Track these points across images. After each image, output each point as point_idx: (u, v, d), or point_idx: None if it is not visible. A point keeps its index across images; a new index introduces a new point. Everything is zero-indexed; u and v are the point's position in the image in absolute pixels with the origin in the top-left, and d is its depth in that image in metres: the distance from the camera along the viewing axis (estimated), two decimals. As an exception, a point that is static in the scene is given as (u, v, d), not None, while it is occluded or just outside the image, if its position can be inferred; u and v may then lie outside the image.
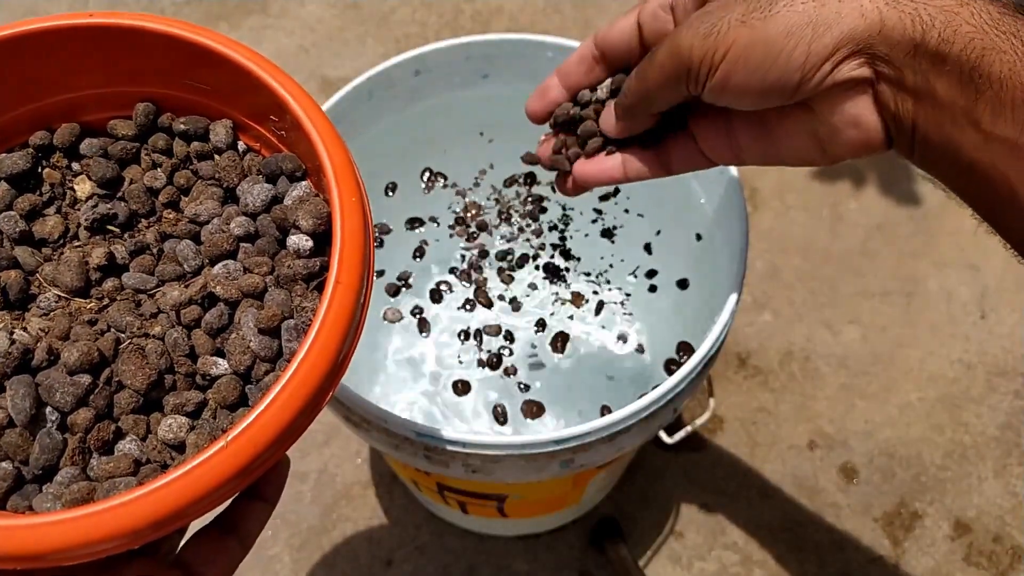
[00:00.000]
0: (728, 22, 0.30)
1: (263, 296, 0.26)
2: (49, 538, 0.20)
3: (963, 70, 0.26)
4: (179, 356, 0.25)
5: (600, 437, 0.49)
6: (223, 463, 0.21)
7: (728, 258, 0.59)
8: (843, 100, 0.31)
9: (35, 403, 0.24)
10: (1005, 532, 0.87)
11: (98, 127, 0.30)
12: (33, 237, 0.28)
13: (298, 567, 0.86)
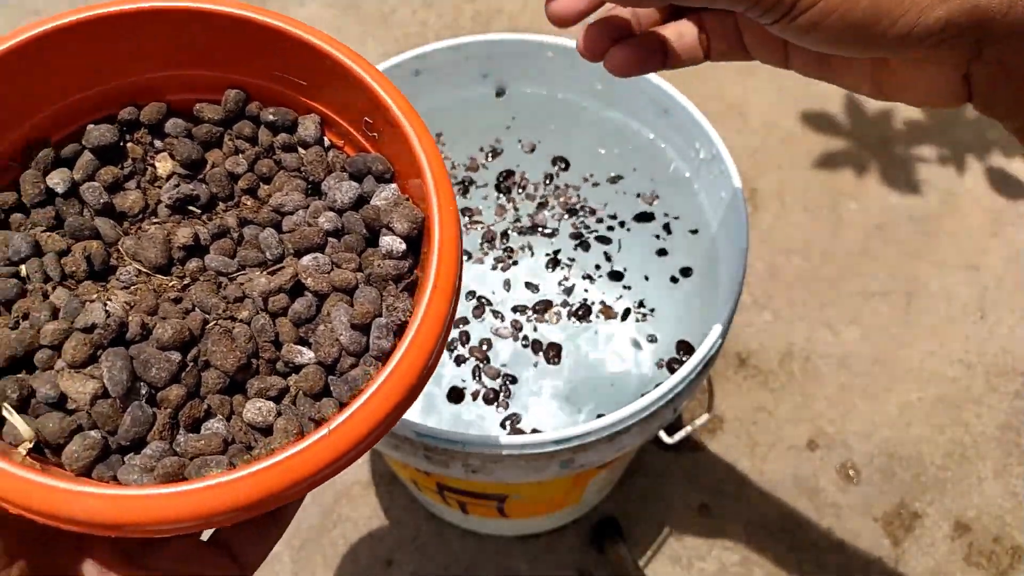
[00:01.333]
0: None
1: (353, 292, 0.27)
2: (166, 510, 0.20)
3: None
4: (264, 342, 0.26)
5: (600, 437, 0.49)
6: (325, 449, 0.22)
7: (728, 258, 0.59)
8: (928, 67, 0.28)
9: (131, 376, 0.24)
10: (1005, 532, 0.87)
11: (183, 109, 0.31)
12: (114, 209, 0.28)
13: (298, 567, 0.86)
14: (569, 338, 0.77)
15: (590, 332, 0.78)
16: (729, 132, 1.14)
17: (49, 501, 0.20)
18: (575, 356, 0.77)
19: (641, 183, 0.71)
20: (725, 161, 0.59)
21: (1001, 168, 1.12)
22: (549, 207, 0.74)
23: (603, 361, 0.78)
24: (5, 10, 1.29)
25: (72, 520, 0.21)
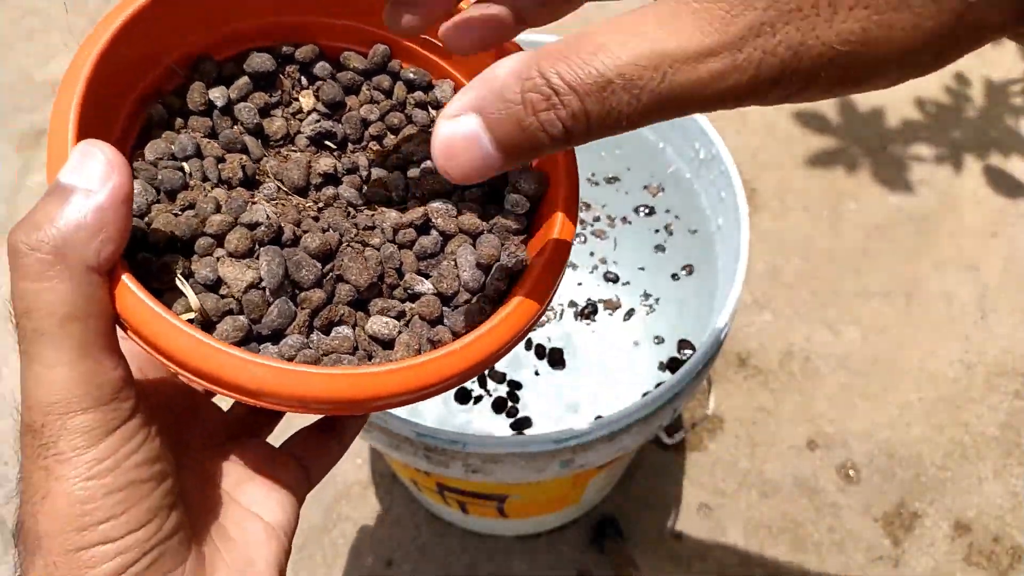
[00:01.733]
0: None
1: (478, 236, 0.29)
2: (330, 389, 0.24)
3: None
4: (389, 268, 0.29)
5: (600, 437, 0.49)
6: (456, 361, 0.25)
7: (728, 258, 0.59)
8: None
9: (284, 273, 0.27)
10: (1005, 532, 0.87)
11: (331, 54, 0.34)
12: (262, 130, 0.31)
13: (298, 567, 0.86)
14: (571, 342, 0.77)
15: (591, 334, 0.78)
16: (729, 132, 1.14)
17: (221, 364, 0.23)
18: (577, 359, 0.77)
19: (641, 183, 0.71)
20: (725, 161, 0.59)
21: (1001, 168, 1.12)
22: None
23: (604, 363, 0.78)
24: (5, 10, 1.29)
25: (236, 386, 0.23)
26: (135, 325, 0.23)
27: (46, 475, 0.22)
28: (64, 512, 0.21)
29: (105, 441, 0.22)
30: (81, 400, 0.22)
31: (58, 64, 1.24)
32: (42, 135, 1.17)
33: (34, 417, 0.22)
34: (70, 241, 0.22)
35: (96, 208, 0.22)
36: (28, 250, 0.22)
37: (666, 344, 0.73)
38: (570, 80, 0.19)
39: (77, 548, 0.21)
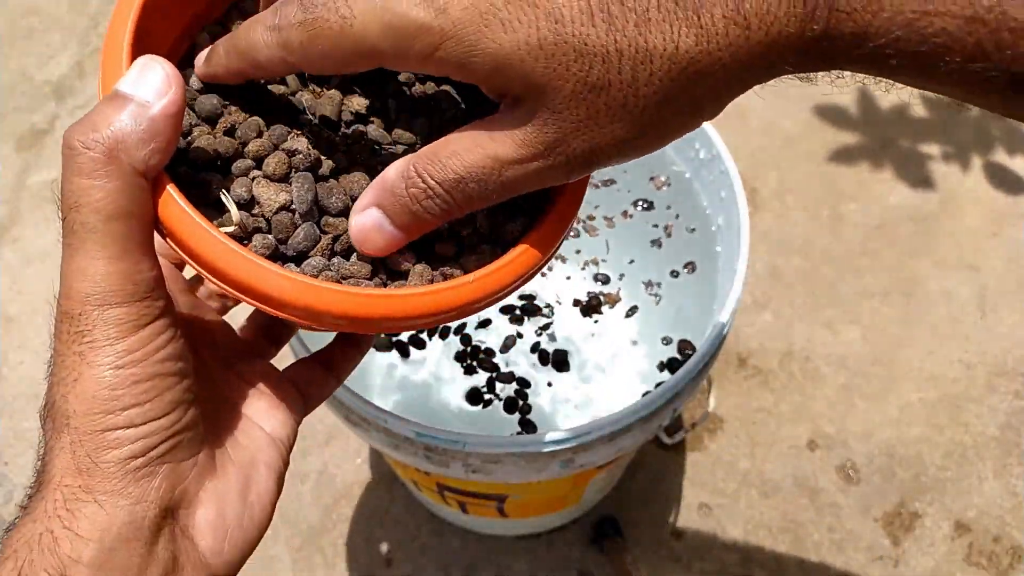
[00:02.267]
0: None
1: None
2: (362, 305, 0.26)
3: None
4: None
5: (600, 437, 0.49)
6: (470, 291, 0.28)
7: (728, 258, 0.59)
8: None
9: (315, 199, 0.29)
10: (1005, 532, 0.87)
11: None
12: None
13: (298, 567, 0.86)
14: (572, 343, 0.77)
15: (590, 336, 0.78)
16: (729, 132, 1.14)
17: (253, 274, 0.26)
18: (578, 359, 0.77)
19: (640, 183, 0.71)
20: (725, 161, 0.59)
21: (1001, 167, 1.12)
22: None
23: (605, 363, 0.78)
24: (5, 10, 1.29)
25: (264, 296, 0.26)
26: (176, 231, 0.25)
27: (79, 360, 0.24)
28: (93, 395, 0.23)
29: (136, 335, 0.24)
30: (118, 294, 0.24)
31: (58, 64, 1.24)
32: (42, 135, 1.17)
33: (72, 305, 0.24)
34: (123, 145, 0.24)
35: (150, 118, 0.24)
36: (83, 148, 0.24)
37: (665, 344, 0.73)
38: (438, 179, 0.26)
39: (103, 429, 0.23)
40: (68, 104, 1.20)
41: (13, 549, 0.23)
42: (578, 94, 0.24)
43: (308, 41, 0.25)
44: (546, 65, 0.23)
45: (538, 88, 0.24)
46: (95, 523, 0.23)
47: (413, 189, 0.26)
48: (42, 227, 1.09)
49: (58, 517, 0.23)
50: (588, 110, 0.24)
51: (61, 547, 0.23)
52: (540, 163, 0.25)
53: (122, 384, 0.24)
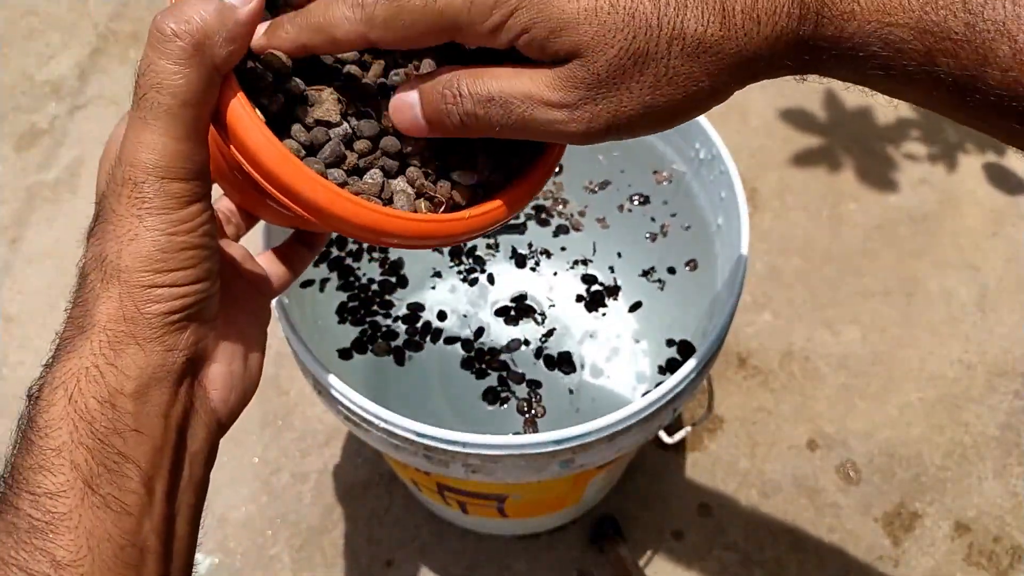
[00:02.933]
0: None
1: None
2: (386, 223, 0.31)
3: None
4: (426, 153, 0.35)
5: (600, 437, 0.49)
6: (467, 220, 0.33)
7: (727, 258, 0.59)
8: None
9: (350, 127, 0.33)
10: (1005, 532, 0.87)
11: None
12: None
13: (298, 567, 0.86)
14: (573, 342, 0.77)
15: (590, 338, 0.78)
16: (729, 132, 1.14)
17: (292, 174, 0.29)
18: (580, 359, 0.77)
19: (639, 184, 0.71)
20: (725, 161, 0.59)
21: (1001, 167, 1.12)
22: (553, 212, 0.74)
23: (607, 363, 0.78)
24: (5, 10, 1.29)
25: (294, 194, 0.29)
26: (232, 123, 0.29)
27: (138, 222, 0.27)
28: (147, 255, 0.27)
29: (188, 208, 0.28)
30: (179, 171, 0.27)
31: (58, 64, 1.24)
32: (42, 135, 1.17)
33: (136, 174, 0.27)
34: (209, 40, 0.27)
35: (235, 21, 0.27)
36: (173, 35, 0.26)
37: (666, 344, 0.73)
38: (471, 90, 0.29)
39: (151, 285, 0.27)
40: (68, 104, 1.20)
41: (62, 380, 0.27)
42: (619, 59, 0.27)
43: (392, 16, 0.28)
44: (599, 28, 0.27)
45: (587, 47, 0.27)
46: (135, 362, 0.27)
47: (447, 91, 0.30)
48: (42, 227, 1.09)
49: (103, 355, 0.27)
50: (624, 76, 0.27)
51: (107, 378, 0.27)
52: (564, 113, 0.28)
53: (172, 248, 0.27)
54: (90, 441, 0.26)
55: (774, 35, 0.27)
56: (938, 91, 0.27)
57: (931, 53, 0.26)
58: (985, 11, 0.25)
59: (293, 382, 0.95)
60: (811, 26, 0.27)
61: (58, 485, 0.26)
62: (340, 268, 0.65)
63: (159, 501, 0.28)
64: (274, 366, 0.96)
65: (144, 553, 0.27)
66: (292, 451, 0.92)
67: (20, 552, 0.26)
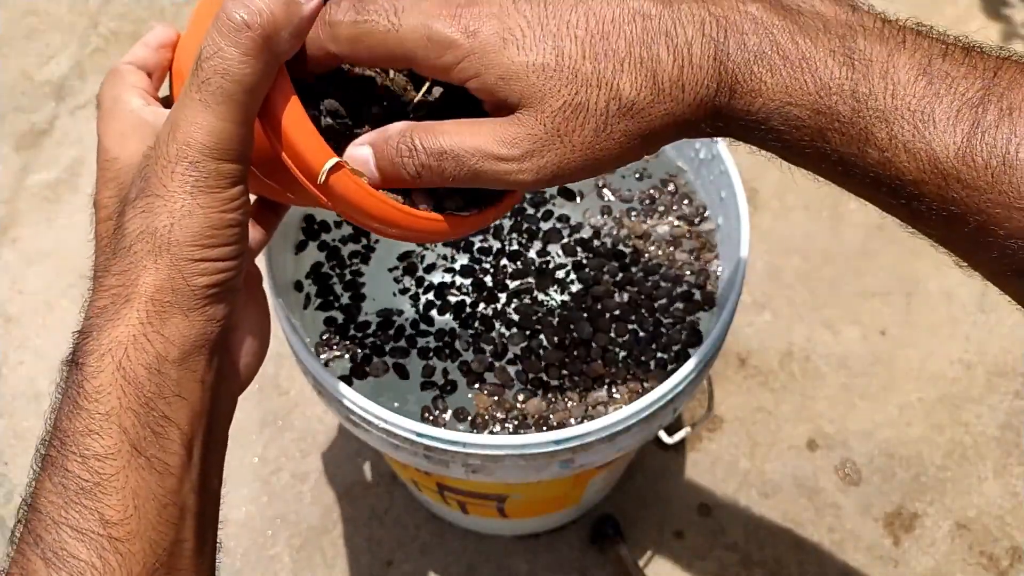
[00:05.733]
0: None
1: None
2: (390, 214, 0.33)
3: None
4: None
5: (600, 437, 0.49)
6: (465, 222, 0.35)
7: (728, 258, 0.59)
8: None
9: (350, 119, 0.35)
10: (1005, 532, 0.87)
11: None
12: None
13: (298, 567, 0.86)
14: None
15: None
16: (729, 132, 1.14)
17: (313, 157, 0.31)
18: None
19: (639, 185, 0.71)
20: (725, 161, 0.59)
21: (1001, 168, 1.12)
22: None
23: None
24: (5, 10, 1.29)
25: (314, 177, 0.31)
26: (277, 111, 0.30)
27: (191, 199, 0.28)
28: (198, 229, 0.28)
29: (236, 187, 0.29)
30: (232, 153, 0.29)
31: (58, 64, 1.24)
32: (42, 135, 1.17)
33: (191, 153, 0.28)
34: (277, 34, 0.29)
35: (301, 16, 0.29)
36: (244, 25, 0.28)
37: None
38: (425, 145, 0.31)
39: (199, 259, 0.29)
40: (68, 104, 1.20)
41: (108, 347, 0.28)
42: (563, 110, 0.30)
43: (355, 38, 0.30)
44: (544, 82, 0.30)
45: (533, 98, 0.30)
46: (180, 331, 0.29)
47: (402, 145, 0.32)
48: (42, 227, 1.09)
49: (151, 323, 0.28)
50: (567, 127, 0.30)
51: (155, 346, 0.28)
52: (513, 166, 0.31)
53: (220, 225, 0.29)
54: (137, 406, 0.28)
55: (695, 102, 0.30)
56: (826, 164, 0.31)
57: (822, 131, 0.30)
58: (870, 100, 0.29)
59: (293, 382, 0.95)
60: (726, 98, 0.30)
61: (107, 448, 0.27)
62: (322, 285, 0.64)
63: (196, 461, 0.30)
64: (274, 366, 0.96)
65: (184, 511, 0.29)
66: (292, 451, 0.92)
67: (70, 512, 0.27)
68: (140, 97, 0.35)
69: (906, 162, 0.29)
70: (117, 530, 0.27)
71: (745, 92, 0.30)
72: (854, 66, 0.29)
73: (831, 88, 0.29)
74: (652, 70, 0.30)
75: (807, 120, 0.30)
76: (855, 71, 0.29)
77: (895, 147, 0.29)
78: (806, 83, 0.29)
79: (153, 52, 0.37)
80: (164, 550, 0.28)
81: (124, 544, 0.27)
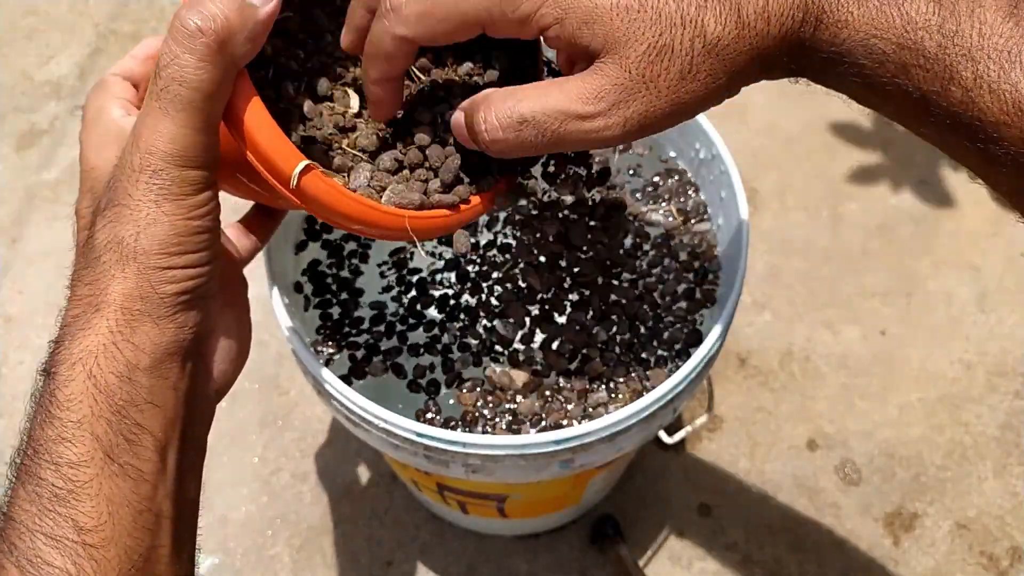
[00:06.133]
0: None
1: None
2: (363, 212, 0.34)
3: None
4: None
5: (600, 437, 0.49)
6: (454, 216, 0.37)
7: (728, 258, 0.59)
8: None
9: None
10: (1005, 532, 0.87)
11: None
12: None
13: (298, 567, 0.86)
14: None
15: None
16: (729, 132, 1.14)
17: (287, 165, 0.31)
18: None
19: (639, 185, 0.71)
20: (725, 161, 0.59)
21: (1001, 168, 1.12)
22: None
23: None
24: (5, 10, 1.29)
25: (285, 179, 0.32)
26: (247, 121, 0.30)
27: (156, 207, 0.28)
28: (164, 238, 0.28)
29: (202, 194, 0.29)
30: (195, 159, 0.29)
31: (58, 64, 1.24)
32: (42, 135, 1.17)
33: (153, 162, 0.28)
34: (232, 38, 0.28)
35: (256, 20, 0.29)
36: (198, 31, 0.28)
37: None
38: (499, 116, 0.31)
39: (167, 267, 0.29)
40: (68, 104, 1.20)
41: (79, 356, 0.28)
42: (648, 54, 0.29)
43: (426, 12, 0.30)
44: (628, 24, 0.29)
45: (617, 42, 0.29)
46: (151, 339, 0.29)
47: (480, 118, 0.32)
48: (42, 227, 1.09)
49: (120, 332, 0.28)
50: (652, 71, 0.29)
51: (124, 354, 0.28)
52: (599, 122, 0.30)
53: (187, 232, 0.29)
54: (109, 414, 0.28)
55: (780, 34, 0.29)
56: (906, 103, 0.30)
57: (906, 67, 0.29)
58: (956, 37, 0.28)
59: (293, 382, 0.95)
60: (811, 29, 0.29)
61: (80, 455, 0.27)
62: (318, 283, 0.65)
63: (171, 467, 0.30)
64: (274, 366, 0.96)
65: (159, 517, 0.29)
66: (292, 451, 0.92)
67: (44, 519, 0.27)
68: (122, 108, 0.35)
69: (990, 103, 0.28)
70: (91, 536, 0.27)
71: (831, 23, 0.29)
72: (941, 3, 0.28)
73: (917, 23, 0.28)
74: (737, 3, 0.29)
75: (891, 54, 0.29)
76: (942, 7, 0.28)
77: (979, 87, 0.28)
78: (892, 17, 0.29)
79: (140, 63, 0.37)
80: (140, 556, 0.28)
81: (99, 550, 0.27)
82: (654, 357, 0.56)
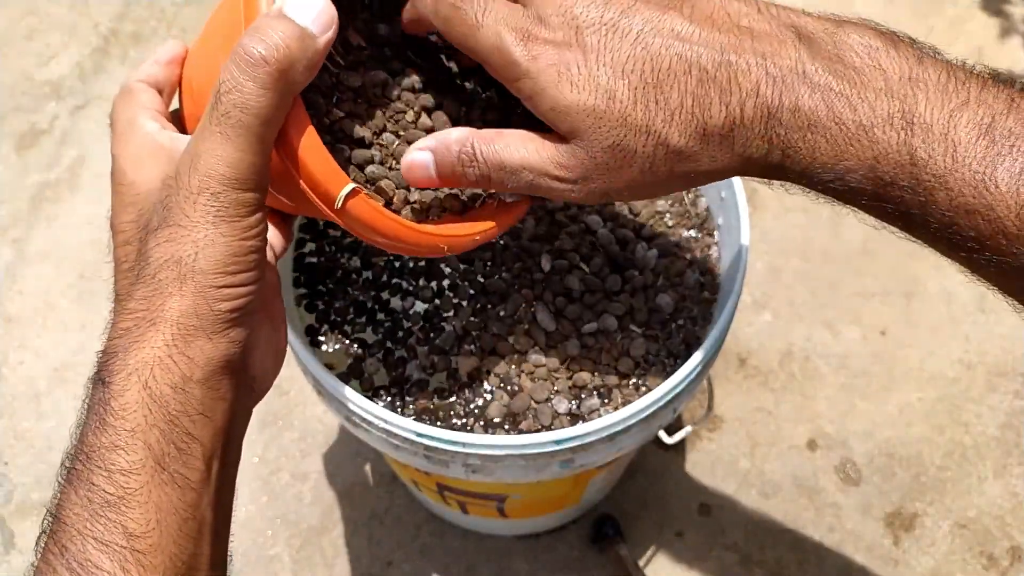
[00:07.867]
0: None
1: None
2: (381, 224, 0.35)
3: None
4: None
5: (600, 437, 0.49)
6: (480, 229, 0.39)
7: (728, 258, 0.59)
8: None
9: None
10: (1005, 532, 0.87)
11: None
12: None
13: (298, 567, 0.86)
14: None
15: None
16: (729, 132, 1.14)
17: (325, 180, 0.33)
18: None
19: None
20: (725, 161, 0.59)
21: (1001, 168, 1.12)
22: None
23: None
24: (5, 10, 1.29)
25: (329, 200, 0.33)
26: (294, 140, 0.32)
27: (214, 228, 0.29)
28: (220, 257, 0.30)
29: (255, 215, 0.30)
30: (250, 182, 0.30)
31: (58, 64, 1.24)
32: (42, 135, 1.17)
33: (212, 185, 0.29)
34: (293, 68, 0.30)
35: (315, 50, 0.30)
36: (262, 61, 0.29)
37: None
38: (486, 156, 0.34)
39: (222, 285, 0.30)
40: (68, 104, 1.20)
41: (135, 367, 0.29)
42: (611, 150, 0.32)
43: (448, 19, 0.33)
44: (592, 123, 0.32)
45: (583, 135, 0.32)
46: (204, 353, 0.30)
47: (463, 155, 0.34)
48: (43, 227, 1.09)
49: (176, 346, 0.29)
50: (615, 162, 0.32)
51: (180, 367, 0.29)
52: (567, 186, 0.34)
53: (240, 252, 0.30)
54: (162, 423, 0.29)
55: (744, 157, 0.32)
56: (887, 217, 0.33)
57: (880, 192, 0.31)
58: (928, 166, 0.29)
59: (293, 382, 0.95)
60: (777, 158, 0.31)
61: (132, 463, 0.28)
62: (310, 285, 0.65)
63: (215, 477, 0.31)
64: (274, 366, 0.96)
65: (202, 525, 0.30)
66: (292, 451, 0.92)
67: (95, 524, 0.28)
68: (154, 120, 0.35)
69: (967, 224, 0.29)
70: (140, 543, 0.28)
71: (797, 154, 0.31)
72: (913, 131, 0.29)
73: (888, 155, 0.29)
74: (703, 124, 0.31)
75: (865, 182, 0.31)
76: (914, 136, 0.29)
77: (956, 210, 0.29)
78: (862, 150, 0.30)
79: (163, 68, 0.38)
80: (184, 563, 0.29)
81: (146, 557, 0.28)
82: (653, 358, 0.56)
